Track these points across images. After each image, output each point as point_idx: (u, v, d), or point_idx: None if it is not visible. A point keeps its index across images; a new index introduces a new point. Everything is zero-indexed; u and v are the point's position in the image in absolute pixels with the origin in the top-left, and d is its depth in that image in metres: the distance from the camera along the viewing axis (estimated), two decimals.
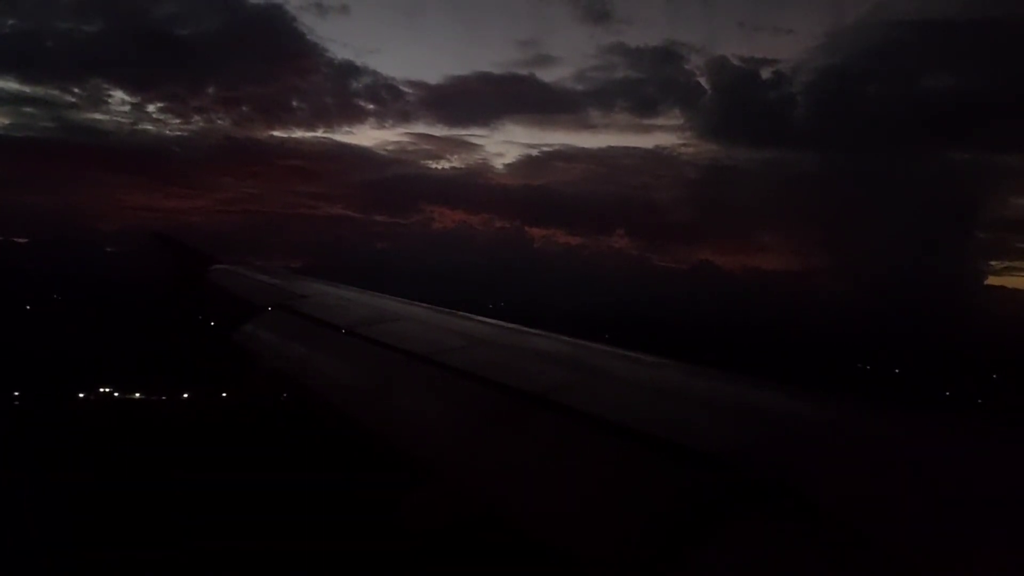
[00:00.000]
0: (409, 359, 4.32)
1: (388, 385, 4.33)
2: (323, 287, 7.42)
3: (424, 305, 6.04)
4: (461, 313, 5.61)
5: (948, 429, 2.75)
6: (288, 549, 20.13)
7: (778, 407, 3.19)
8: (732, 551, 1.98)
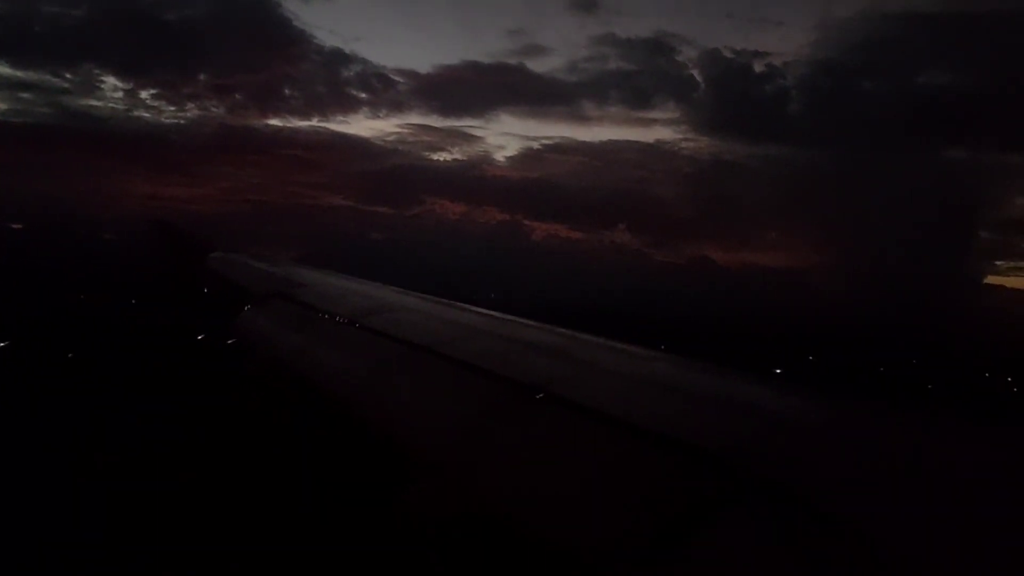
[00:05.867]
0: (410, 349, 4.34)
1: (389, 375, 4.34)
2: (322, 276, 7.43)
3: (422, 296, 6.04)
4: (460, 304, 5.62)
5: (945, 428, 2.76)
6: (282, 545, 20.03)
7: (775, 404, 3.21)
8: (728, 546, 2.00)
